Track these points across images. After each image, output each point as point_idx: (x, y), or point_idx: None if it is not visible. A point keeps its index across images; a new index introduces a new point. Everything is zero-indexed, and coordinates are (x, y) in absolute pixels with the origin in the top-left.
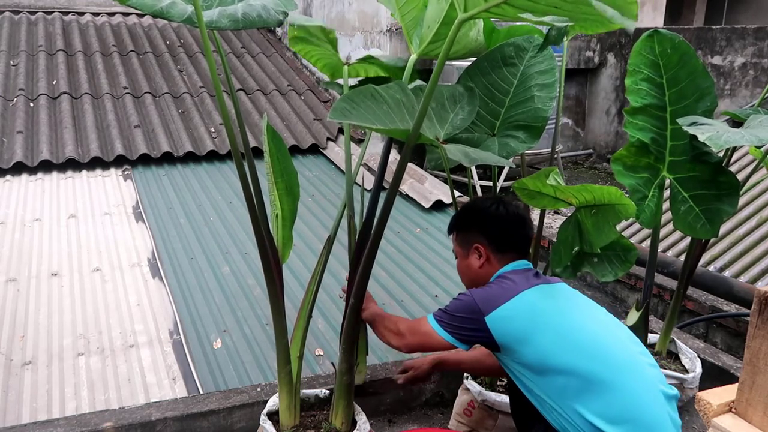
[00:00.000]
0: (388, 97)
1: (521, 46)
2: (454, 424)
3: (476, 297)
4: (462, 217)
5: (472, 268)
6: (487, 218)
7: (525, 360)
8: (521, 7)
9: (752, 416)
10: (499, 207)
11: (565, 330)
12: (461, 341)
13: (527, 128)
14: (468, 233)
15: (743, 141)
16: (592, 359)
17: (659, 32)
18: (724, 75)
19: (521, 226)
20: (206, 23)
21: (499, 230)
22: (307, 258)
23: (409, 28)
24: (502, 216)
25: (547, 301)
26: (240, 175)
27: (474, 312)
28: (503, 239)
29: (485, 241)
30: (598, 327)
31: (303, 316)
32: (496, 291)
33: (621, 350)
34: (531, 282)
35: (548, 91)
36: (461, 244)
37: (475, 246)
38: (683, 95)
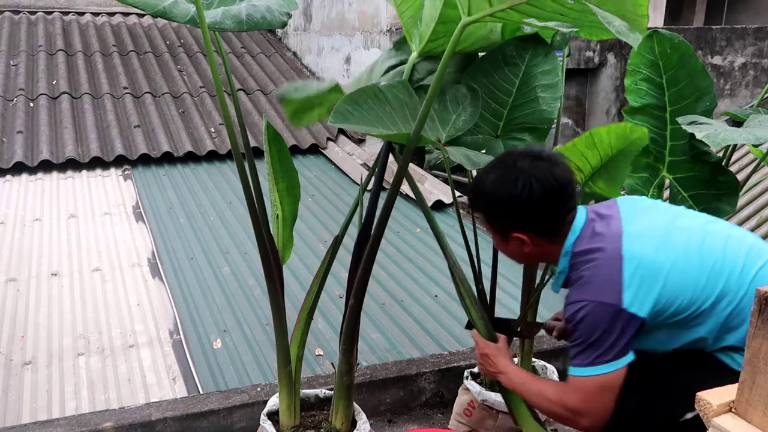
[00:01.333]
0: (391, 97)
1: (522, 45)
2: (454, 424)
3: (593, 296)
4: (487, 203)
5: (518, 253)
6: (523, 207)
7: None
8: (526, 13)
9: (752, 416)
10: (532, 188)
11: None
12: (628, 352)
13: (533, 130)
14: (500, 221)
15: (741, 139)
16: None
17: (659, 32)
18: (724, 75)
19: (567, 196)
20: (209, 24)
21: (542, 217)
22: (307, 258)
23: (409, 25)
24: (541, 195)
25: (648, 242)
26: (240, 176)
27: (610, 314)
28: (550, 223)
29: (526, 233)
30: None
31: (303, 317)
32: (603, 271)
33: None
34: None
35: (553, 91)
36: (493, 228)
37: (514, 236)
38: (683, 95)
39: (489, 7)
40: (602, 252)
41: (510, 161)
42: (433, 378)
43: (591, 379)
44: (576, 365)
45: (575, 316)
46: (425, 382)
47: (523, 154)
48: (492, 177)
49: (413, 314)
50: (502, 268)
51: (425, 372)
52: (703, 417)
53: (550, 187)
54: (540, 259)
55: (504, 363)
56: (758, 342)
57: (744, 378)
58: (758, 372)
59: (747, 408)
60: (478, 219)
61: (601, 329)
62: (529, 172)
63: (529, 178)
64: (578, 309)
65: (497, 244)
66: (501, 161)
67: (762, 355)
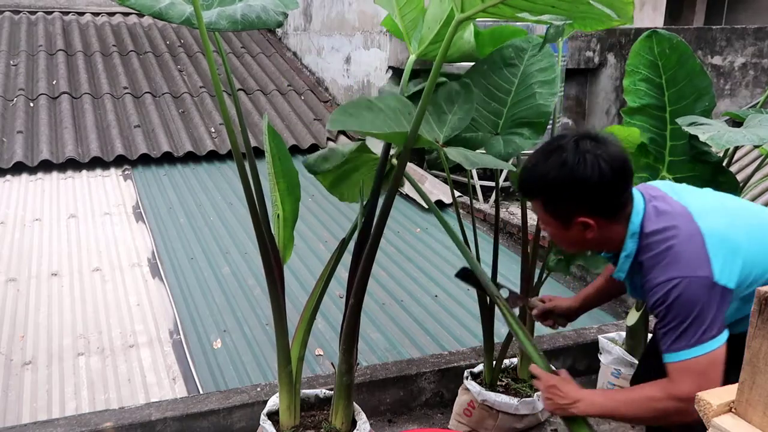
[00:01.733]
0: (384, 106)
1: (520, 47)
2: (454, 424)
3: (684, 272)
4: (551, 186)
5: (578, 241)
6: (593, 189)
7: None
8: (519, 7)
9: (752, 416)
10: (599, 165)
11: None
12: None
13: (531, 125)
14: (563, 206)
15: (744, 140)
16: None
17: (658, 32)
18: (724, 75)
19: (630, 175)
20: (205, 24)
21: (611, 197)
22: (307, 258)
23: (409, 29)
24: (611, 176)
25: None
26: (241, 176)
27: (705, 287)
28: (618, 203)
29: (593, 216)
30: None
31: (306, 318)
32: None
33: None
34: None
35: (549, 87)
36: (552, 215)
37: (579, 221)
38: (682, 95)
39: (481, 3)
40: (678, 229)
41: (570, 144)
42: (433, 378)
43: (702, 359)
44: (680, 348)
45: (668, 296)
46: (425, 382)
47: (581, 136)
48: (555, 161)
49: (413, 314)
50: (502, 269)
51: (425, 372)
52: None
53: (617, 167)
54: (600, 245)
55: (575, 390)
56: (758, 342)
57: (744, 378)
58: (758, 372)
59: (747, 408)
60: (533, 207)
61: (700, 304)
62: (594, 153)
63: (596, 159)
64: (671, 288)
65: (553, 232)
66: (558, 145)
67: (762, 355)
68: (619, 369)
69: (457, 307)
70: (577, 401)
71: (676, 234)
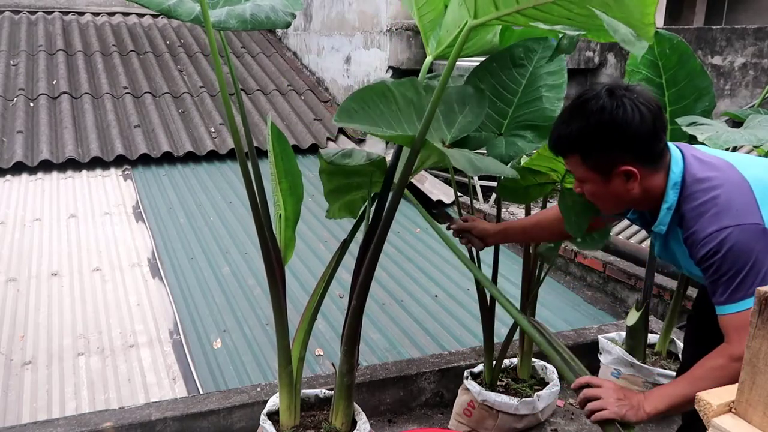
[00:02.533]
0: (399, 95)
1: (531, 47)
2: (454, 424)
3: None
4: (591, 135)
5: (619, 194)
6: (635, 133)
7: None
8: (533, 17)
9: (752, 416)
10: (638, 109)
11: None
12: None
13: (535, 128)
14: (605, 155)
15: (742, 140)
16: None
17: (658, 33)
18: (724, 75)
19: (665, 121)
20: (214, 23)
21: (652, 142)
22: (307, 258)
23: (427, 29)
24: (651, 120)
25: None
26: (244, 176)
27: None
28: (658, 148)
29: (636, 162)
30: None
31: (307, 318)
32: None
33: None
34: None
35: (557, 91)
36: (592, 168)
37: (621, 170)
38: (682, 95)
39: (495, 11)
40: (724, 178)
41: (604, 92)
42: (433, 378)
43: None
44: (739, 299)
45: (721, 246)
46: (425, 382)
47: (613, 86)
48: (592, 109)
49: (413, 314)
50: (502, 269)
51: (425, 372)
52: (703, 417)
53: (655, 110)
54: (641, 200)
55: (635, 394)
56: (758, 342)
57: (744, 378)
58: (758, 372)
59: (747, 408)
60: (569, 165)
61: (755, 253)
62: (631, 98)
63: (634, 102)
64: (723, 238)
65: (593, 189)
66: (592, 95)
67: (762, 355)
68: (619, 369)
69: (457, 307)
70: (644, 401)
71: (722, 183)
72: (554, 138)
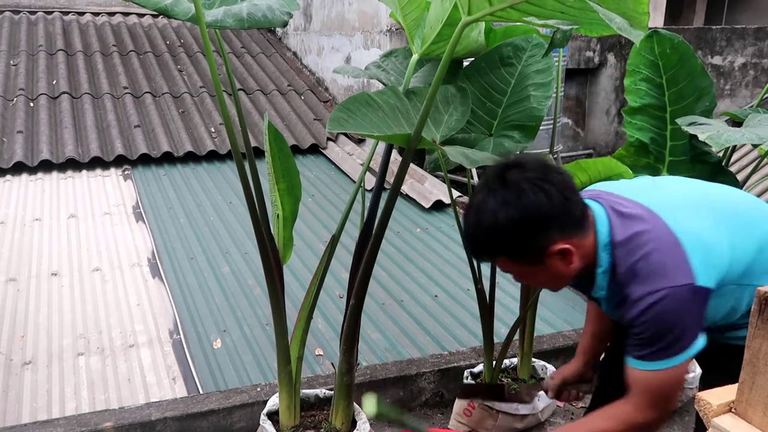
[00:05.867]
0: (382, 102)
1: (519, 46)
2: (454, 424)
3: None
4: (515, 232)
5: (560, 273)
6: (551, 215)
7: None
8: (526, 12)
9: (752, 416)
10: (543, 189)
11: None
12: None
13: (522, 128)
14: (533, 247)
15: (743, 139)
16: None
17: (658, 32)
18: (724, 75)
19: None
20: (211, 22)
21: (569, 212)
22: (307, 258)
23: (411, 28)
24: (559, 194)
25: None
26: (241, 176)
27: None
28: (577, 213)
29: (565, 238)
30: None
31: (303, 317)
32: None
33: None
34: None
35: (544, 90)
36: (525, 262)
37: (554, 251)
38: (683, 95)
39: (489, 6)
40: (650, 233)
41: (496, 185)
42: (433, 378)
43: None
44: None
45: (650, 309)
46: (425, 382)
47: (500, 170)
48: (495, 207)
49: (413, 314)
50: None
51: (425, 372)
52: (703, 417)
53: (556, 179)
54: (583, 267)
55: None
56: (758, 342)
57: (744, 378)
58: (758, 372)
59: (747, 408)
60: (501, 266)
61: (683, 314)
62: (526, 177)
63: (533, 183)
64: (653, 302)
65: (532, 279)
66: (487, 192)
67: (762, 355)
68: None
69: (457, 307)
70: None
71: (650, 239)
72: (473, 246)
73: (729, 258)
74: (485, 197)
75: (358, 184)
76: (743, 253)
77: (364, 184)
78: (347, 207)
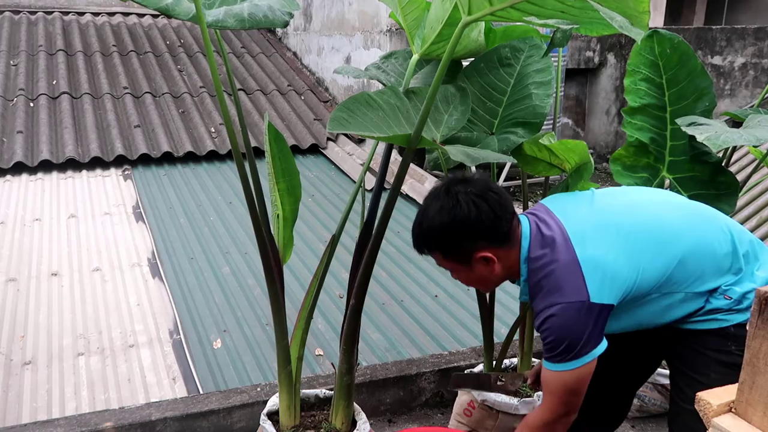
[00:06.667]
0: (382, 102)
1: (517, 47)
2: (454, 424)
3: (563, 298)
4: (443, 236)
5: (485, 276)
6: (480, 224)
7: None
8: (526, 11)
9: (752, 416)
10: (475, 203)
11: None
12: (599, 343)
13: (526, 124)
14: (461, 248)
15: (741, 141)
16: (670, 245)
17: (658, 32)
18: (724, 75)
19: (506, 201)
20: (212, 22)
21: (495, 226)
22: (307, 258)
23: (411, 28)
24: (488, 208)
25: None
26: (241, 176)
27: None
28: (503, 228)
29: (489, 245)
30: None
31: (303, 317)
32: (563, 273)
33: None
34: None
35: (545, 88)
36: (455, 261)
37: (479, 257)
38: (683, 95)
39: (489, 6)
40: (556, 255)
41: (441, 192)
42: (433, 378)
43: (574, 372)
44: (557, 361)
45: (547, 321)
46: (425, 382)
47: (450, 182)
48: (434, 211)
49: (413, 314)
50: None
51: (425, 372)
52: (703, 417)
53: (490, 198)
54: (507, 274)
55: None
56: (758, 342)
57: (744, 378)
58: (758, 372)
59: (747, 408)
60: (437, 260)
61: (577, 327)
62: (465, 191)
63: (468, 196)
64: (549, 315)
65: (464, 277)
66: (433, 197)
67: (762, 355)
68: None
69: (457, 307)
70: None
71: (553, 260)
72: (414, 241)
73: (633, 278)
74: (430, 202)
75: (358, 184)
76: (654, 270)
77: (364, 184)
78: (347, 207)
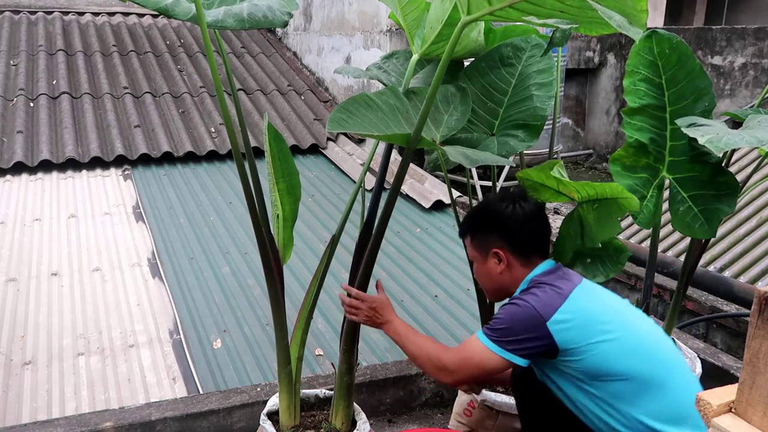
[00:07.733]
0: (381, 103)
1: (519, 46)
2: (454, 424)
3: (533, 302)
4: (476, 219)
5: (492, 275)
6: (506, 220)
7: (582, 366)
8: (525, 11)
9: (752, 416)
10: (516, 206)
11: (623, 333)
12: (522, 356)
13: (526, 127)
14: (485, 237)
15: (743, 143)
16: (649, 361)
17: (657, 33)
18: (724, 75)
19: (542, 224)
20: (211, 22)
21: (520, 233)
22: (307, 258)
23: (411, 28)
24: (522, 216)
25: (595, 302)
26: (241, 176)
27: (535, 318)
28: (526, 242)
29: (506, 246)
30: (647, 326)
31: (303, 317)
32: (549, 294)
33: (668, 348)
34: (572, 281)
35: (546, 89)
36: (477, 248)
37: (493, 251)
38: (682, 95)
39: (488, 6)
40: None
41: (500, 196)
42: (433, 378)
43: (479, 347)
44: (482, 333)
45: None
46: (425, 382)
47: (516, 190)
48: (486, 199)
49: (413, 314)
50: None
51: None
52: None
53: (532, 211)
54: (507, 284)
55: (390, 312)
56: (758, 342)
57: (744, 378)
58: (758, 372)
59: (747, 408)
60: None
61: (519, 323)
62: (517, 198)
63: (515, 199)
64: (512, 302)
65: (477, 268)
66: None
67: (762, 355)
68: None
69: (457, 307)
70: (389, 322)
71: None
72: (461, 221)
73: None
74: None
75: (358, 184)
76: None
77: (364, 184)
78: (347, 207)
